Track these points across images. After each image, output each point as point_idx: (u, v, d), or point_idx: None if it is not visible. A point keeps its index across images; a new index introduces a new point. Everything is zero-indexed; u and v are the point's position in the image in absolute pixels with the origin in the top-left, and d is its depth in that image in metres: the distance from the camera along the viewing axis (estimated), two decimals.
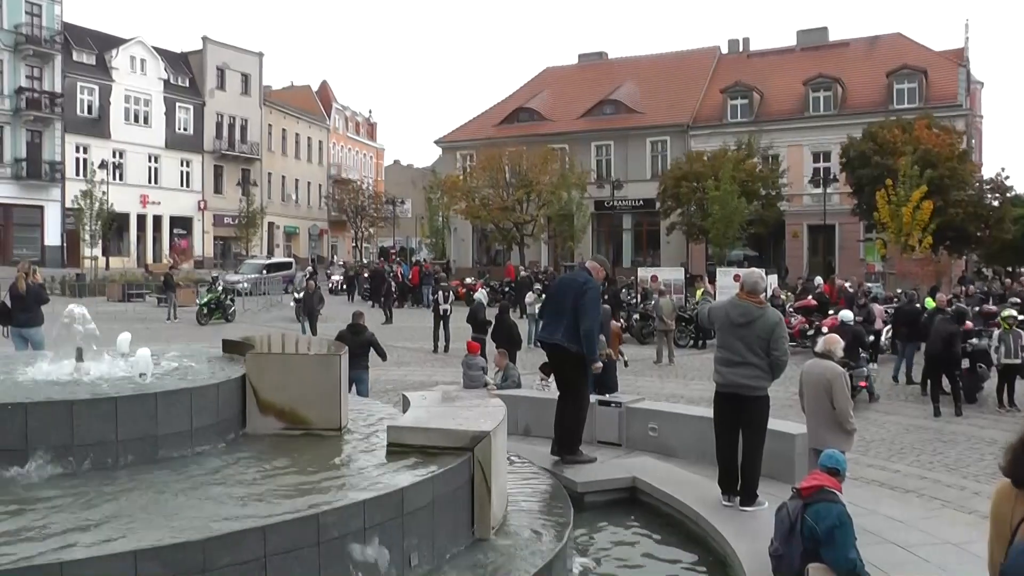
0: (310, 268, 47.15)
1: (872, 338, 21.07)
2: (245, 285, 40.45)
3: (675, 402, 15.62)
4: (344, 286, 48.31)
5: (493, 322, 18.91)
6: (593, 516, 8.31)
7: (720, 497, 8.31)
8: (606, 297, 27.08)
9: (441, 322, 24.91)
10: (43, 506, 4.99)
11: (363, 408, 8.33)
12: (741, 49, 60.98)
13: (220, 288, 31.57)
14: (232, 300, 32.44)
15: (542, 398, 12.37)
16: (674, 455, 11.15)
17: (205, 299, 31.46)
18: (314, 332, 25.19)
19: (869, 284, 33.34)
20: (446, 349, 24.52)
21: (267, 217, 67.66)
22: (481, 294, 22.61)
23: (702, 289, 29.62)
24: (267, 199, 69.47)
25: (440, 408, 7.37)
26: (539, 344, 9.83)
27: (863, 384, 16.69)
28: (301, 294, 32.37)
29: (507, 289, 39.29)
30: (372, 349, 14.73)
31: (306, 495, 5.22)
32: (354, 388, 14.64)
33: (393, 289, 38.36)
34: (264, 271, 45.55)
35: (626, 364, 17.83)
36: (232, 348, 8.27)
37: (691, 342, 27.17)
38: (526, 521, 6.61)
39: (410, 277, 43.15)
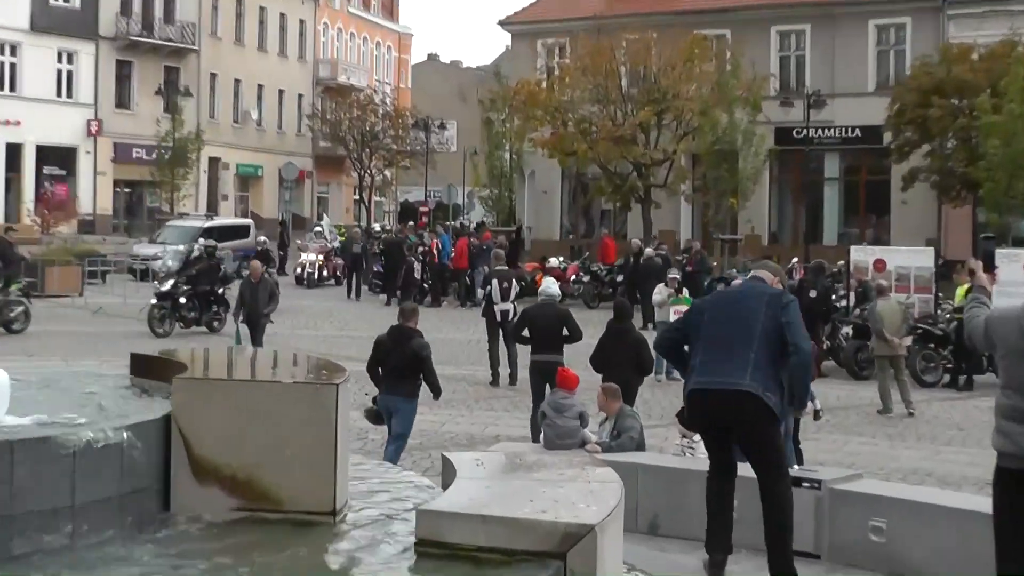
0: (263, 238, 47.10)
1: None
2: (170, 263, 40.54)
3: (917, 482, 15.50)
4: (326, 271, 48.52)
5: (586, 336, 18.82)
6: None
7: None
8: (812, 296, 26.88)
9: (499, 332, 25.01)
10: None
11: (374, 477, 8.31)
12: None
13: None
14: (24, 294, 31.81)
15: (682, 469, 12.25)
16: None
17: None
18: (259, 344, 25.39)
19: None
20: (512, 380, 24.61)
21: (207, 149, 68.47)
22: (549, 284, 21.66)
23: (967, 285, 29.10)
24: (207, 118, 70.40)
25: (507, 482, 7.33)
26: (697, 392, 9.89)
27: None
28: (168, 284, 31.68)
29: (618, 279, 39.13)
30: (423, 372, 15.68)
31: None
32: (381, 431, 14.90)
33: (420, 275, 38.30)
34: (201, 240, 45.70)
35: (818, 415, 17.12)
36: (146, 369, 8.31)
37: (945, 377, 26.80)
38: None
39: (451, 255, 43.29)
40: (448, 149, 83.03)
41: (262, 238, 47.44)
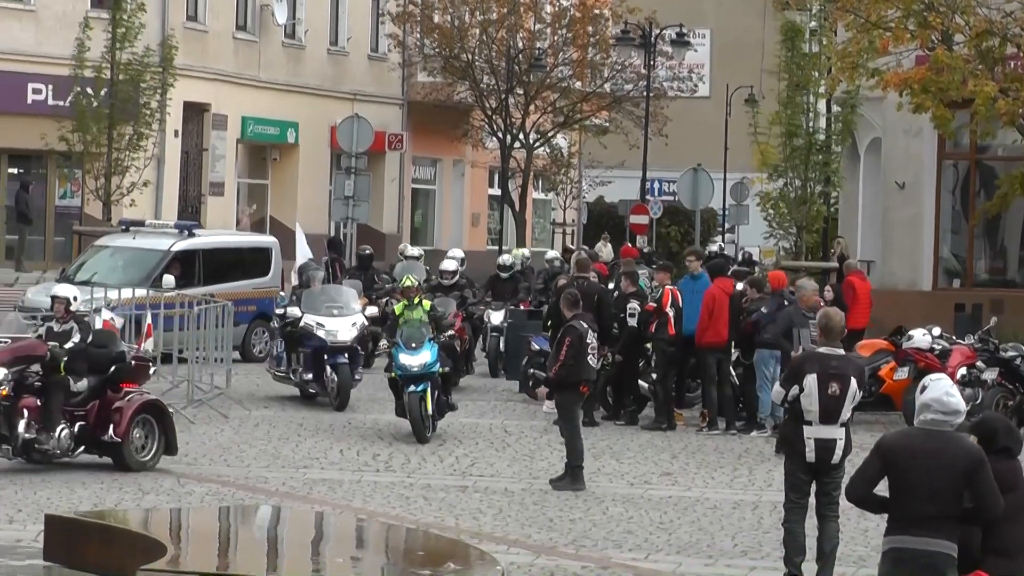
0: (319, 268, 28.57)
1: None
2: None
3: None
4: None
5: None
6: None
7: None
8: None
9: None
10: None
11: None
12: None
13: None
14: None
15: None
16: None
17: None
18: None
19: None
20: None
21: (182, 85, 40.22)
22: (942, 389, 8.71)
23: None
24: (183, 21, 42.48)
25: None
26: None
27: None
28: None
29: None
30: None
31: None
32: None
33: (609, 359, 21.85)
34: (173, 271, 27.54)
35: None
36: (71, 547, 6.68)
37: None
38: None
39: (695, 320, 22.74)
40: (692, 90, 53.02)
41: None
